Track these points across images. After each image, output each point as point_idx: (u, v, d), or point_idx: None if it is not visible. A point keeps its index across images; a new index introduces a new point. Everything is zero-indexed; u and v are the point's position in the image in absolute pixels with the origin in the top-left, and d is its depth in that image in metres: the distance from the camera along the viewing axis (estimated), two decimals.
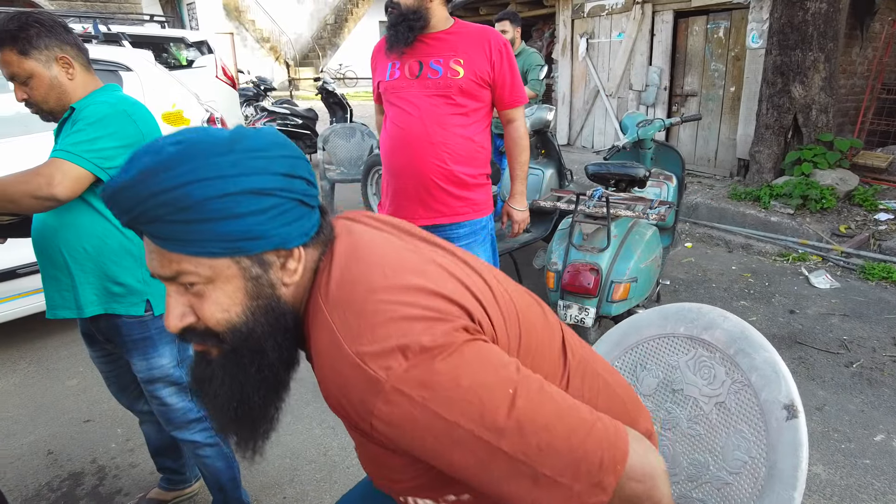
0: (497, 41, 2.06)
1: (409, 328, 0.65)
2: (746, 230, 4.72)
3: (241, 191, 0.67)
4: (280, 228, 0.70)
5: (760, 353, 1.00)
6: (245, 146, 0.68)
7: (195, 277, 0.69)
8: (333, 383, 0.68)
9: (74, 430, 2.53)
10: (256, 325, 0.72)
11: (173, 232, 0.66)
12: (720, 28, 5.85)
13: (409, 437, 0.66)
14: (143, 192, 0.65)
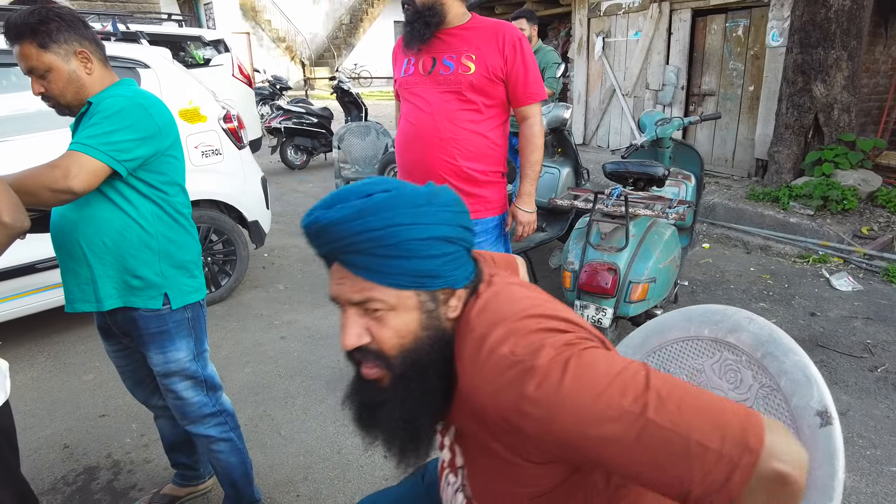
0: (511, 35, 2.02)
1: (552, 336, 0.75)
2: (765, 231, 4.64)
3: (435, 237, 0.80)
4: (454, 271, 0.83)
5: (790, 356, 0.96)
6: (439, 201, 0.82)
7: (380, 304, 0.80)
8: (487, 383, 0.75)
9: (90, 425, 2.55)
10: (423, 352, 0.82)
11: (373, 264, 0.78)
12: (739, 26, 5.77)
13: (558, 418, 0.70)
14: (354, 229, 0.77)
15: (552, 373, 0.70)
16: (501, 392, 0.73)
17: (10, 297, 2.95)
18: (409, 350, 0.81)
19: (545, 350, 0.72)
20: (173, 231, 1.61)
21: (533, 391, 0.70)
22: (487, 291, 0.86)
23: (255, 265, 4.44)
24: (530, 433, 0.72)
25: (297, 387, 2.79)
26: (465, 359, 0.80)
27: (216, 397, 1.77)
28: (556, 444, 0.72)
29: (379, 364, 0.83)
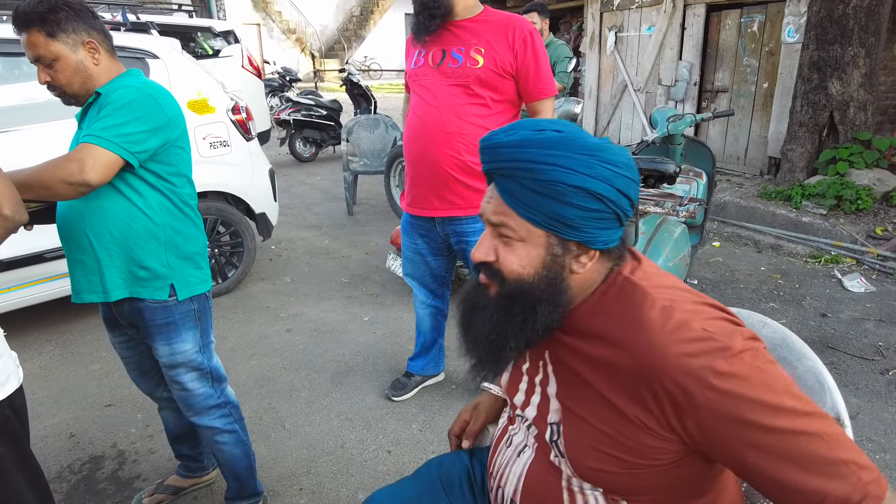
0: (522, 29, 1.99)
1: (737, 327, 0.79)
2: (776, 230, 4.59)
3: (585, 189, 0.80)
4: (592, 229, 0.82)
5: (803, 361, 0.94)
6: (603, 156, 0.81)
7: (512, 233, 0.84)
8: (673, 346, 0.77)
9: (96, 414, 2.56)
10: (536, 288, 0.85)
11: (518, 192, 0.82)
12: (754, 22, 5.68)
13: (739, 397, 0.73)
14: (513, 155, 0.82)
15: (745, 356, 0.74)
16: (689, 358, 0.75)
17: (18, 286, 2.97)
18: (523, 281, 0.85)
19: (737, 337, 0.76)
20: (180, 222, 1.61)
21: (725, 367, 0.73)
22: (648, 266, 0.90)
23: (262, 257, 4.45)
24: (701, 404, 0.75)
25: (301, 380, 2.78)
26: (641, 321, 0.81)
27: (221, 389, 1.77)
28: (719, 424, 0.75)
29: (494, 281, 0.88)
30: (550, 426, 0.92)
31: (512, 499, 0.97)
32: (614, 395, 0.82)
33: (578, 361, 0.88)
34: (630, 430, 0.81)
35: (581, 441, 0.87)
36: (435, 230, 2.26)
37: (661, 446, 0.80)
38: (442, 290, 2.51)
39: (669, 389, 0.77)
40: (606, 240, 0.84)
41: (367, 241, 4.80)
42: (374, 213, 5.64)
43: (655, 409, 0.78)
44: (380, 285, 3.90)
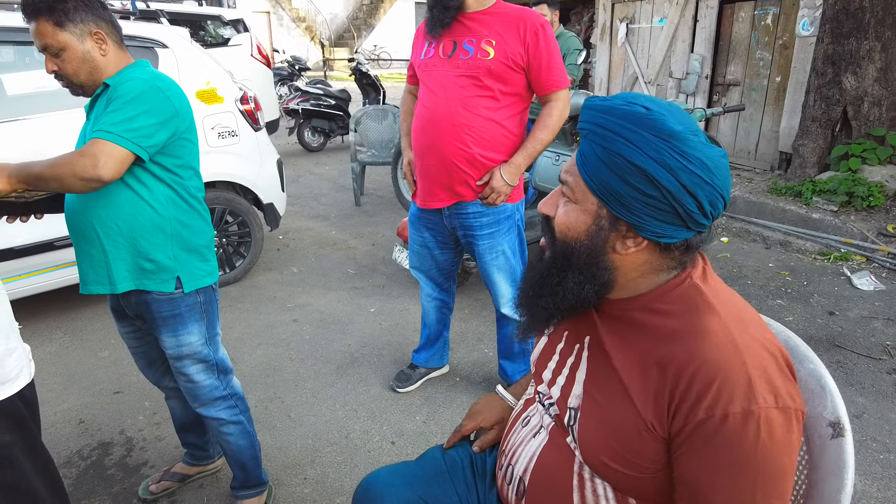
0: (533, 23, 1.98)
1: (785, 390, 0.76)
2: (786, 226, 4.56)
3: (644, 170, 0.78)
4: (644, 216, 0.81)
5: (805, 364, 0.94)
6: (676, 146, 0.78)
7: (570, 192, 0.87)
8: (711, 364, 0.76)
9: (105, 401, 2.59)
10: (575, 254, 0.87)
11: (588, 154, 0.83)
12: (768, 14, 5.61)
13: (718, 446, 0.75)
14: (594, 119, 0.83)
15: (760, 420, 0.73)
16: (721, 384, 0.75)
17: (29, 273, 3.00)
18: (567, 244, 0.87)
19: (770, 397, 0.74)
20: (186, 215, 1.61)
21: (737, 412, 0.73)
22: (716, 280, 0.88)
23: (270, 247, 4.47)
24: (680, 426, 0.77)
25: (307, 370, 2.81)
26: (700, 330, 0.80)
27: (227, 381, 1.79)
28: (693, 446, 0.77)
29: (548, 239, 0.92)
30: (569, 410, 0.93)
31: (521, 477, 0.98)
32: (638, 395, 0.82)
33: (618, 353, 0.87)
34: (642, 434, 0.81)
35: (595, 432, 0.87)
36: (442, 223, 2.26)
37: (665, 453, 0.81)
38: (448, 284, 2.51)
39: (669, 386, 0.78)
40: (660, 232, 0.82)
41: (374, 233, 4.81)
42: (381, 204, 5.65)
43: (665, 401, 0.79)
44: (386, 277, 3.91)
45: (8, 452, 1.19)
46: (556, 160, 3.69)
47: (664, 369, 0.80)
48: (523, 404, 1.09)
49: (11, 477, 1.20)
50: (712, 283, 0.87)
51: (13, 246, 2.90)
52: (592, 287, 0.87)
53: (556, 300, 0.90)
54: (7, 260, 2.90)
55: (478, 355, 2.92)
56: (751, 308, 0.86)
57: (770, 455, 0.74)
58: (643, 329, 0.85)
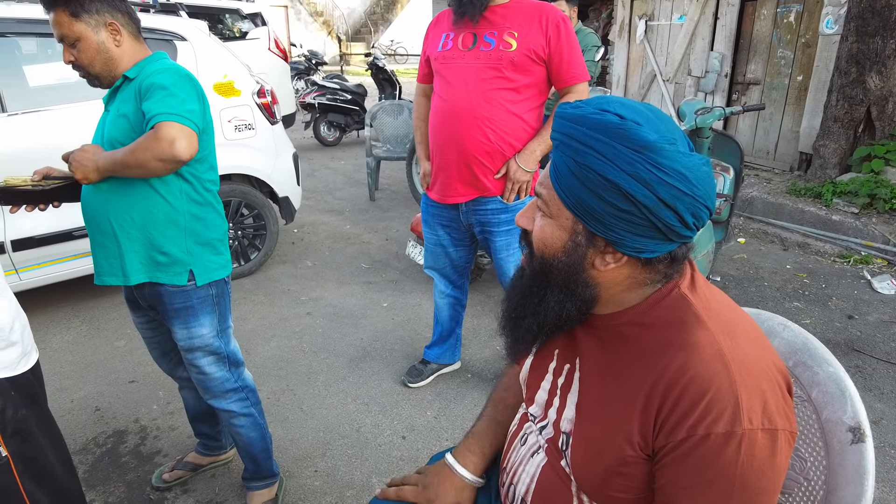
0: (554, 16, 1.98)
1: (776, 409, 0.73)
2: (804, 228, 4.49)
3: (616, 184, 0.74)
4: (621, 231, 0.77)
5: (824, 367, 0.92)
6: (651, 157, 0.73)
7: (544, 206, 0.83)
8: (699, 380, 0.74)
9: (120, 390, 2.63)
10: (553, 271, 0.83)
11: (560, 166, 0.79)
12: (791, 12, 5.52)
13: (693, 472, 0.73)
14: (563, 128, 0.79)
15: (743, 441, 0.71)
16: (708, 402, 0.72)
17: (48, 262, 3.04)
18: (544, 260, 0.84)
19: (757, 419, 0.72)
20: (201, 208, 1.62)
21: (717, 435, 0.71)
22: (714, 294, 0.84)
23: (285, 241, 4.49)
24: (663, 442, 0.76)
25: (320, 363, 2.82)
26: (688, 344, 0.77)
27: (238, 373, 1.80)
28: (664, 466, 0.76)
29: (526, 254, 0.89)
30: (562, 434, 0.91)
31: (523, 498, 0.97)
32: (628, 414, 0.79)
33: (608, 372, 0.84)
34: (630, 457, 0.79)
35: (585, 457, 0.85)
36: (458, 219, 2.25)
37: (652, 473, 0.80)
38: (462, 281, 2.51)
39: (672, 405, 0.75)
40: (640, 247, 0.77)
41: (388, 228, 4.82)
42: (395, 200, 5.65)
43: (651, 416, 0.77)
44: (399, 272, 3.91)
45: (26, 426, 1.22)
46: None
47: (652, 385, 0.77)
48: (519, 421, 1.05)
49: (29, 450, 1.23)
50: (702, 292, 0.83)
51: (34, 235, 2.95)
52: (574, 305, 0.84)
53: (539, 320, 0.86)
54: (27, 249, 2.94)
55: (490, 352, 2.91)
56: (747, 318, 0.83)
57: (750, 476, 0.72)
58: (632, 344, 0.83)
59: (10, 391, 1.18)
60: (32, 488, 1.23)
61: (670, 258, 0.80)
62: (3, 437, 1.17)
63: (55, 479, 1.29)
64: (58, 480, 1.30)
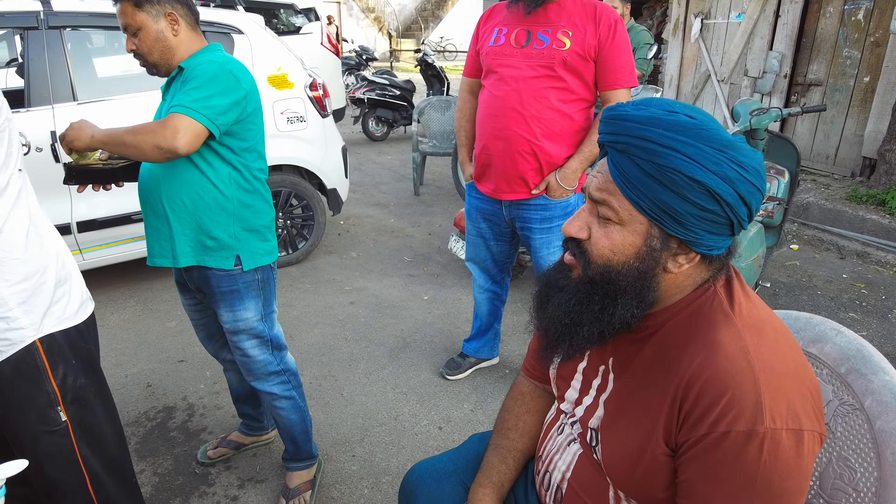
0: (609, 16, 1.95)
1: (801, 410, 0.73)
2: (864, 236, 4.29)
3: (704, 184, 0.73)
4: (701, 230, 0.77)
5: (879, 375, 0.89)
6: (734, 155, 0.74)
7: (612, 214, 0.80)
8: (721, 377, 0.74)
9: (170, 368, 2.74)
10: (623, 279, 0.81)
11: (631, 171, 0.77)
12: (860, 9, 5.26)
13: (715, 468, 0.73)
14: (636, 131, 0.76)
15: (765, 441, 0.70)
16: (728, 400, 0.72)
17: (108, 244, 3.20)
18: (611, 268, 0.81)
19: (780, 419, 0.71)
20: (249, 196, 1.67)
21: (737, 433, 0.71)
22: (747, 294, 0.83)
23: (331, 232, 4.58)
24: (685, 437, 0.75)
25: (361, 351, 2.87)
26: (713, 343, 0.77)
27: (281, 356, 1.85)
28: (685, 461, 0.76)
29: (580, 262, 0.84)
30: (590, 430, 0.91)
31: (559, 485, 0.97)
32: (657, 411, 0.79)
33: (641, 369, 0.84)
34: (659, 455, 0.79)
35: (617, 454, 0.85)
36: (500, 214, 2.25)
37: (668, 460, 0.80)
38: (502, 276, 2.51)
39: (693, 400, 0.75)
40: (712, 245, 0.78)
41: (431, 222, 4.85)
42: (439, 195, 5.68)
43: (676, 411, 0.77)
44: (441, 266, 3.94)
45: (85, 394, 1.29)
46: None
47: (679, 380, 0.77)
48: (556, 412, 1.06)
49: (86, 417, 1.30)
50: (736, 291, 0.82)
51: (96, 217, 3.10)
52: (641, 310, 0.82)
53: (602, 328, 0.84)
54: (90, 231, 3.10)
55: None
56: (776, 319, 0.82)
57: (774, 476, 0.71)
58: (664, 342, 0.82)
59: (72, 359, 1.25)
60: (87, 454, 1.30)
61: (728, 252, 0.82)
62: (64, 404, 1.24)
63: (108, 447, 1.36)
64: (110, 449, 1.37)
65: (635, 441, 0.82)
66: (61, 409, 1.24)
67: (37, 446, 1.23)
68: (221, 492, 2.01)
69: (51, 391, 1.21)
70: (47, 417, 1.22)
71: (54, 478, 1.27)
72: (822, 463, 0.94)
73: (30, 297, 1.15)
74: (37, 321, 1.17)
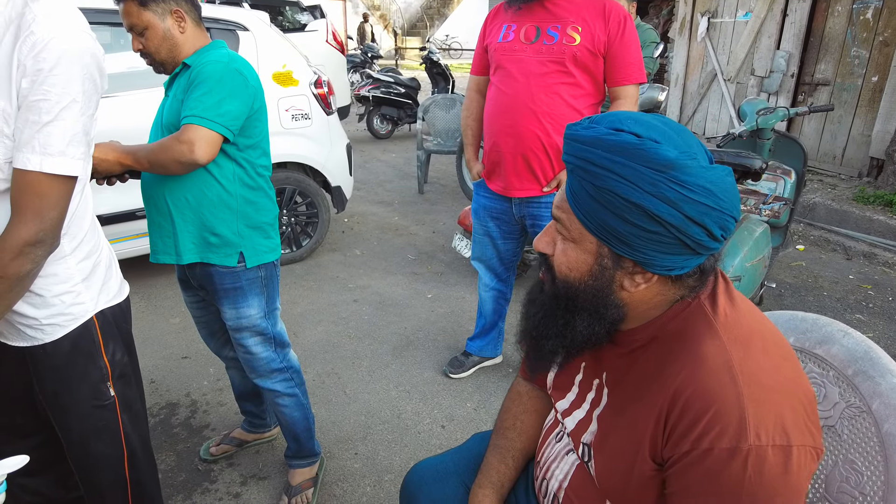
0: (618, 12, 1.94)
1: (792, 424, 0.70)
2: (871, 237, 4.26)
3: (641, 206, 0.72)
4: (649, 251, 0.75)
5: (887, 378, 0.88)
6: (674, 176, 0.71)
7: (566, 231, 0.81)
8: (704, 392, 0.72)
9: (174, 365, 2.74)
10: (580, 296, 0.82)
11: (578, 191, 0.77)
12: (869, 8, 5.22)
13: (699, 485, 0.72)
14: (578, 151, 0.76)
15: (749, 458, 0.69)
16: (712, 416, 0.71)
17: (112, 240, 3.20)
18: (570, 284, 0.82)
19: (765, 435, 0.69)
20: (253, 193, 1.67)
21: (720, 452, 0.70)
22: (736, 304, 0.81)
23: (335, 229, 4.58)
24: (671, 452, 0.75)
25: (364, 349, 2.87)
26: (697, 356, 0.75)
27: (284, 354, 1.85)
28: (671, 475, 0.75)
29: (548, 276, 0.87)
30: (582, 445, 0.90)
31: (555, 494, 0.97)
32: (646, 426, 0.78)
33: (632, 384, 0.84)
34: (648, 470, 0.79)
35: (608, 470, 0.85)
36: (510, 212, 2.24)
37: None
38: (507, 275, 2.50)
39: (678, 415, 0.74)
40: (670, 266, 0.76)
41: (435, 220, 4.84)
42: (444, 193, 5.67)
43: (661, 426, 0.76)
44: (444, 264, 3.93)
45: (127, 370, 1.33)
46: None
47: (664, 395, 0.76)
48: (555, 417, 1.05)
49: (129, 394, 1.34)
50: (722, 302, 0.80)
51: (100, 213, 3.09)
52: (603, 327, 0.82)
53: (565, 343, 0.85)
54: None
55: None
56: (768, 329, 0.79)
57: (759, 494, 0.69)
58: (650, 357, 0.82)
59: (118, 336, 1.29)
60: (129, 430, 1.34)
61: (700, 271, 0.79)
62: (112, 379, 1.28)
63: (142, 425, 1.40)
64: (143, 427, 1.41)
65: (626, 457, 0.81)
66: (110, 385, 1.28)
67: (86, 421, 1.26)
68: (224, 489, 2.01)
69: (103, 366, 1.25)
70: (99, 392, 1.26)
71: (98, 453, 1.30)
72: (828, 466, 0.93)
73: (90, 273, 1.21)
74: (95, 297, 1.22)
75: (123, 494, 1.36)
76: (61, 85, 0.97)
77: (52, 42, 0.96)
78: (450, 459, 1.18)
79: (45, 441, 1.34)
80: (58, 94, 0.97)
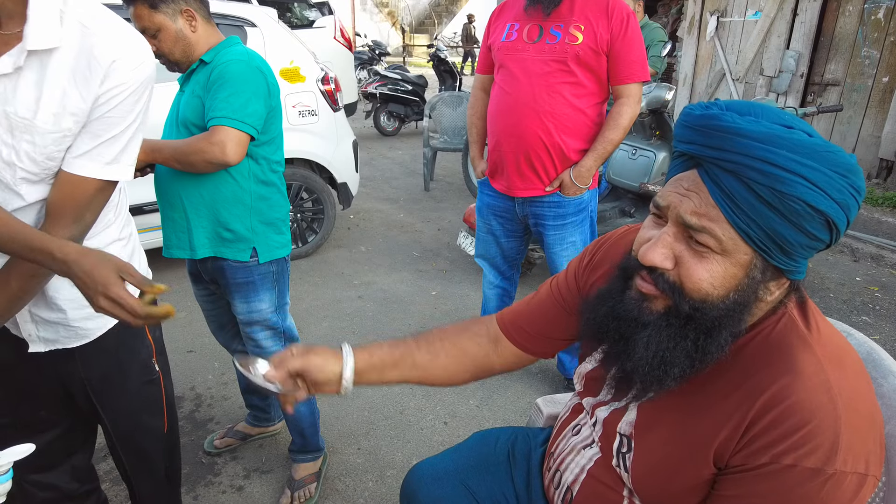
0: (621, 9, 1.93)
1: (873, 454, 0.69)
2: (879, 239, 4.23)
3: (825, 214, 0.65)
4: (803, 259, 0.70)
5: (890, 379, 0.87)
6: (854, 182, 0.66)
7: (713, 242, 0.69)
8: (802, 407, 0.68)
9: (179, 358, 2.76)
10: (722, 313, 0.72)
11: (742, 196, 0.67)
12: (881, 8, 5.18)
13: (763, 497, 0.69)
14: (756, 152, 0.65)
15: (829, 480, 0.66)
16: (805, 434, 0.67)
17: None
18: (711, 302, 0.71)
19: (851, 462, 0.67)
20: (266, 189, 1.68)
21: (803, 467, 0.66)
22: (822, 317, 0.77)
23: (341, 226, 4.59)
24: (743, 459, 0.71)
25: None
26: (792, 368, 0.71)
27: None
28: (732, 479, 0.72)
29: (667, 293, 0.73)
30: (619, 436, 0.87)
31: (569, 486, 0.96)
32: (714, 432, 0.74)
33: (698, 383, 0.77)
34: (703, 470, 0.75)
35: (651, 466, 0.81)
36: (513, 211, 2.25)
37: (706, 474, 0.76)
38: (511, 273, 2.50)
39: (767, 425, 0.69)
40: (802, 270, 0.71)
41: (441, 218, 4.85)
42: (449, 190, 5.68)
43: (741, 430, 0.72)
44: (449, 262, 3.94)
45: (162, 348, 1.39)
46: (633, 154, 3.58)
47: (748, 403, 0.72)
48: (571, 410, 1.03)
49: (165, 369, 1.40)
50: (812, 314, 0.76)
51: None
52: (731, 341, 0.74)
53: (695, 365, 0.74)
54: None
55: None
56: (854, 351, 0.76)
57: None
58: (738, 360, 0.76)
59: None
60: (170, 403, 1.42)
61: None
62: (156, 354, 1.35)
63: (173, 400, 1.46)
64: (173, 403, 1.47)
65: (676, 454, 0.77)
66: (154, 360, 1.34)
67: (136, 398, 1.33)
68: (227, 481, 2.03)
69: (148, 344, 1.33)
70: (147, 368, 1.33)
71: (146, 425, 1.37)
72: None
73: (132, 253, 1.29)
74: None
75: (164, 457, 1.46)
76: (129, 106, 1.03)
77: (140, 69, 1.02)
78: (449, 459, 1.18)
79: (60, 435, 1.35)
80: (124, 113, 1.03)
